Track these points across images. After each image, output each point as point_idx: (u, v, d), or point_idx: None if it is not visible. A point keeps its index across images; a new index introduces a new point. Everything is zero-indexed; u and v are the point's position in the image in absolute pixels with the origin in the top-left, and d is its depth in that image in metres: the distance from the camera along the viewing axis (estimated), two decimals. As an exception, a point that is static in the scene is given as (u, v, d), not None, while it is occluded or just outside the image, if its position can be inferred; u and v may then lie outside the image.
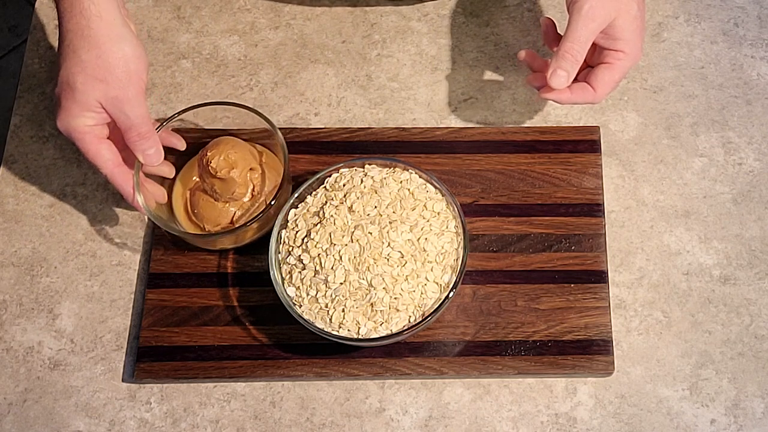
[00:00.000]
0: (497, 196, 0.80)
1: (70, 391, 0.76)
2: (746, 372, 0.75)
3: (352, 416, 0.74)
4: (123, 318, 0.78)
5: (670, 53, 0.87)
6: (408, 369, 0.74)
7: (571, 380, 0.75)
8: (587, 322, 0.75)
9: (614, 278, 0.78)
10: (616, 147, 0.83)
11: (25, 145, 0.85)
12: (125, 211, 0.82)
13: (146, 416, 0.75)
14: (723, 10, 0.89)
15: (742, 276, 0.78)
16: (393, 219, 0.71)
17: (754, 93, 0.85)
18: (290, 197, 0.74)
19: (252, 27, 0.90)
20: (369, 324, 0.69)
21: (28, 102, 0.87)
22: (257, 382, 0.76)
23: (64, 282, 0.79)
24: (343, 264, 0.70)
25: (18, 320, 0.78)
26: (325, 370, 0.74)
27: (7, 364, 0.77)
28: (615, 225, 0.80)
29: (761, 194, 0.81)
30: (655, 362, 0.75)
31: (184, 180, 0.80)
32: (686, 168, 0.82)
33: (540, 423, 0.73)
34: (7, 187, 0.84)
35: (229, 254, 0.79)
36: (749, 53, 0.87)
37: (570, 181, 0.80)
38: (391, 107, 0.85)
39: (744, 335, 0.76)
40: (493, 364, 0.74)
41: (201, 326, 0.76)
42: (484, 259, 0.78)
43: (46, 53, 0.89)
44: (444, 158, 0.81)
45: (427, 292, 0.70)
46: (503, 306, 0.76)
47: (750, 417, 0.73)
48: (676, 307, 0.77)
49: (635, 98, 0.85)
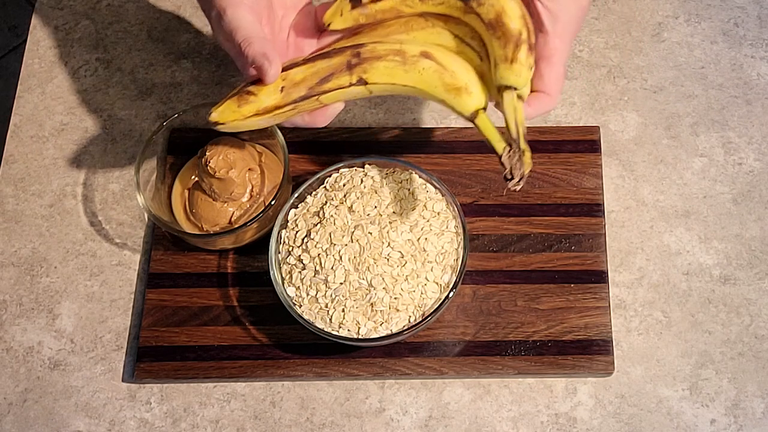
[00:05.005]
0: (497, 196, 0.80)
1: (70, 391, 0.76)
2: (746, 372, 0.75)
3: (352, 416, 0.74)
4: (123, 318, 0.78)
5: (670, 53, 0.87)
6: (408, 369, 0.74)
7: (571, 380, 0.75)
8: (587, 322, 0.75)
9: (614, 278, 0.78)
10: (616, 147, 0.83)
11: (25, 145, 0.85)
12: (125, 211, 0.82)
13: (146, 416, 0.75)
14: (723, 10, 0.89)
15: (742, 276, 0.78)
16: (393, 219, 0.71)
17: (754, 93, 0.85)
18: (290, 197, 0.74)
19: (252, 27, 0.90)
20: (369, 324, 0.70)
21: (28, 102, 0.87)
22: (257, 382, 0.76)
23: (64, 282, 0.80)
24: (343, 264, 0.70)
25: (18, 320, 0.78)
26: (325, 370, 0.74)
27: (7, 364, 0.77)
28: (615, 225, 0.80)
29: (761, 194, 0.81)
30: (655, 362, 0.75)
31: (183, 179, 0.80)
32: (686, 168, 0.82)
33: (540, 423, 0.73)
34: (7, 187, 0.84)
35: (229, 254, 0.79)
36: (749, 53, 0.87)
37: (570, 181, 0.80)
38: (391, 107, 0.85)
39: (744, 335, 0.76)
40: (493, 364, 0.74)
41: (201, 326, 0.76)
42: (484, 259, 0.78)
43: (46, 53, 0.89)
44: (444, 158, 0.81)
45: (427, 292, 0.70)
46: (503, 306, 0.76)
47: (750, 417, 0.73)
48: (676, 307, 0.77)
49: (635, 98, 0.85)
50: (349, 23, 0.67)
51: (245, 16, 0.63)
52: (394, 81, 0.65)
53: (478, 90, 0.64)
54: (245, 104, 0.65)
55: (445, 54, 0.65)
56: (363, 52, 0.64)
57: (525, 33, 0.62)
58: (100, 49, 0.89)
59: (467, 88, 0.64)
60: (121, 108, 0.86)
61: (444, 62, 0.64)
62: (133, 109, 0.86)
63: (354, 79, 0.64)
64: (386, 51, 0.64)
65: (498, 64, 0.62)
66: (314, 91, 0.64)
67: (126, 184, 0.83)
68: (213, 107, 0.65)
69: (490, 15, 0.62)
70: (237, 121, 0.65)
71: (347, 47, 0.65)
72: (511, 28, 0.62)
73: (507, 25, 0.62)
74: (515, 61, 0.62)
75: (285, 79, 0.64)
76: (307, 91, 0.64)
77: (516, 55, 0.62)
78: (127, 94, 0.87)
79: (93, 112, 0.86)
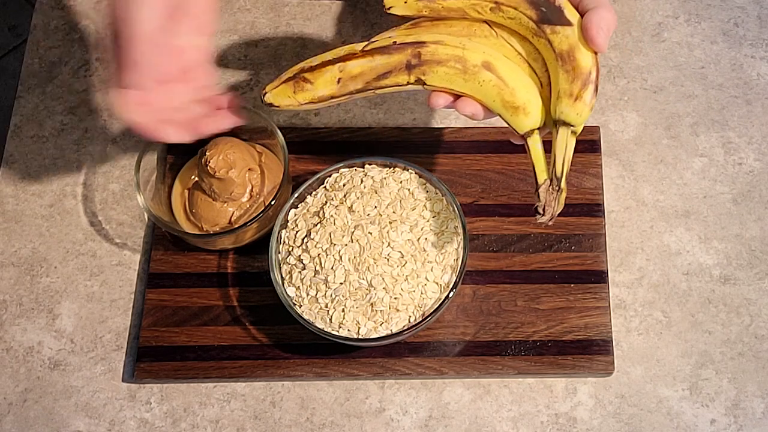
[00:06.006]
0: (497, 196, 0.80)
1: (70, 391, 0.76)
2: (746, 372, 0.75)
3: (352, 416, 0.74)
4: (123, 318, 0.78)
5: (670, 53, 0.87)
6: (408, 369, 0.74)
7: (571, 380, 0.75)
8: (587, 322, 0.75)
9: (614, 278, 0.78)
10: (616, 147, 0.83)
11: (25, 145, 0.85)
12: (125, 211, 0.82)
13: (146, 416, 0.75)
14: (723, 10, 0.89)
15: (742, 276, 0.78)
16: (393, 219, 0.71)
17: (754, 93, 0.85)
18: (290, 197, 0.74)
19: (252, 27, 0.90)
20: (369, 324, 0.70)
21: (28, 102, 0.87)
22: (257, 382, 0.76)
23: (64, 282, 0.80)
24: (343, 264, 0.70)
25: (18, 320, 0.78)
26: (325, 370, 0.74)
27: (7, 364, 0.77)
28: (615, 225, 0.80)
29: (761, 194, 0.81)
30: (655, 362, 0.75)
31: (183, 179, 0.80)
32: (686, 168, 0.82)
33: (540, 423, 0.73)
34: (7, 187, 0.84)
35: (229, 254, 0.79)
36: (749, 53, 0.87)
37: (570, 181, 0.80)
38: (391, 107, 0.85)
39: (744, 335, 0.76)
40: (493, 364, 0.74)
41: (201, 326, 0.76)
42: (484, 259, 0.78)
43: (46, 53, 0.89)
44: (444, 158, 0.81)
45: (427, 292, 0.70)
46: (503, 306, 0.76)
47: (750, 417, 0.73)
48: (676, 307, 0.77)
49: (635, 98, 0.85)
50: (411, 11, 0.65)
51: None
52: (452, 87, 0.64)
53: (535, 111, 0.63)
54: (300, 91, 0.65)
55: (508, 67, 0.63)
56: (424, 54, 0.63)
57: (594, 73, 0.61)
58: (100, 49, 0.89)
59: (525, 108, 0.63)
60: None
61: (505, 77, 0.63)
62: (133, 109, 0.86)
63: (412, 79, 0.64)
64: (448, 56, 0.63)
65: (561, 98, 0.61)
66: (371, 86, 0.64)
67: (126, 184, 0.83)
68: (268, 86, 0.66)
69: (563, 46, 0.61)
70: (291, 106, 0.66)
71: (408, 43, 0.63)
72: (582, 65, 0.61)
73: (579, 61, 0.61)
74: (579, 99, 0.61)
75: (342, 71, 0.64)
76: (363, 84, 0.64)
77: (582, 94, 0.61)
78: (127, 94, 0.87)
79: (93, 112, 0.86)
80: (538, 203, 0.62)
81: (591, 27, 0.60)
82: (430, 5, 0.65)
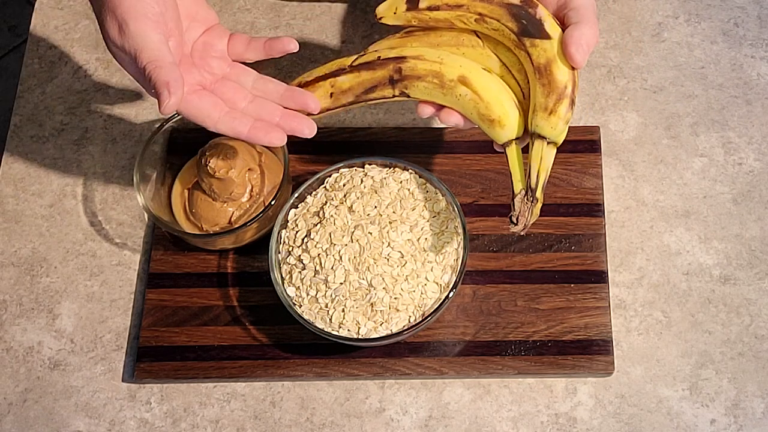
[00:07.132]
0: (497, 196, 0.80)
1: (70, 391, 0.76)
2: (746, 372, 0.75)
3: (352, 416, 0.74)
4: (123, 318, 0.78)
5: (670, 53, 0.87)
6: (408, 369, 0.74)
7: (571, 380, 0.75)
8: (587, 322, 0.75)
9: (614, 278, 0.78)
10: (616, 147, 0.83)
11: (25, 145, 0.85)
12: (125, 211, 0.82)
13: (146, 416, 0.75)
14: (723, 10, 0.89)
15: (742, 276, 0.78)
16: (393, 219, 0.71)
17: (754, 93, 0.85)
18: (290, 197, 0.74)
19: (252, 27, 0.90)
20: (369, 324, 0.70)
21: (28, 102, 0.87)
22: (257, 382, 0.76)
23: (64, 282, 0.80)
24: (343, 264, 0.70)
25: (18, 320, 0.78)
26: (325, 370, 0.74)
27: (7, 364, 0.77)
28: (615, 225, 0.80)
29: (761, 194, 0.81)
30: (655, 362, 0.75)
31: (183, 179, 0.80)
32: (686, 168, 0.82)
33: (540, 423, 0.73)
34: (7, 187, 0.84)
35: (229, 254, 0.79)
36: (749, 53, 0.87)
37: (570, 181, 0.80)
38: (391, 107, 0.85)
39: (744, 335, 0.76)
40: (493, 364, 0.74)
41: (201, 326, 0.76)
42: (484, 259, 0.78)
43: (46, 53, 0.89)
44: (444, 158, 0.81)
45: (427, 292, 0.70)
46: (503, 306, 0.76)
47: (750, 417, 0.73)
48: (676, 307, 0.77)
49: (635, 98, 0.85)
50: (401, 21, 0.67)
51: (151, 35, 0.61)
52: (434, 100, 0.66)
53: (511, 123, 0.64)
54: None
55: (484, 81, 0.64)
56: (404, 69, 0.65)
57: (570, 87, 0.62)
58: (100, 49, 0.89)
59: (500, 121, 0.64)
60: (121, 108, 0.86)
61: (480, 91, 0.64)
62: (133, 109, 0.86)
63: (397, 93, 0.66)
64: (426, 71, 0.65)
65: (537, 111, 0.62)
66: (361, 99, 0.67)
67: (126, 184, 0.83)
68: None
69: (541, 60, 0.62)
70: None
71: (390, 59, 0.66)
72: (557, 79, 0.62)
73: (555, 75, 0.62)
74: (554, 114, 0.62)
75: (333, 86, 0.67)
76: (354, 98, 0.67)
77: (556, 108, 0.62)
78: (127, 94, 0.87)
79: (93, 112, 0.86)
80: (512, 212, 0.64)
81: (571, 43, 0.61)
82: (418, 16, 0.67)
